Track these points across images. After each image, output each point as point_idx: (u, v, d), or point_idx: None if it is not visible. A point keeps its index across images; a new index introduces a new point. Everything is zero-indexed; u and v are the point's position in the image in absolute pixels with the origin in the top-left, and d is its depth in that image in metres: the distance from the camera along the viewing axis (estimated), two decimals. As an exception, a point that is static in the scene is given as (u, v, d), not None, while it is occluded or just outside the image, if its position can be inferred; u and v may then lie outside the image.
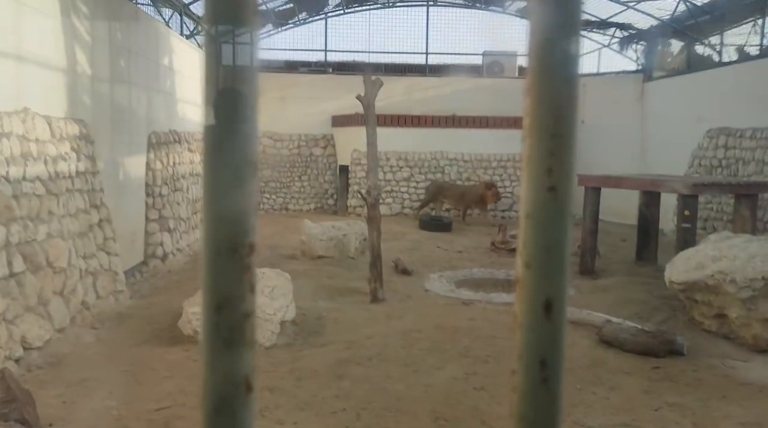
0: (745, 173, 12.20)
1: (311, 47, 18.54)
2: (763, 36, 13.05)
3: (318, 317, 7.54)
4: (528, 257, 0.36)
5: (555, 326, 0.35)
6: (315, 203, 18.09)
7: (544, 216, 0.35)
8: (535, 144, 0.34)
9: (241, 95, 0.33)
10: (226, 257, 0.35)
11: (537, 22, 0.35)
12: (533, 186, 0.35)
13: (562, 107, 0.32)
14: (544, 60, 0.33)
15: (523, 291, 0.36)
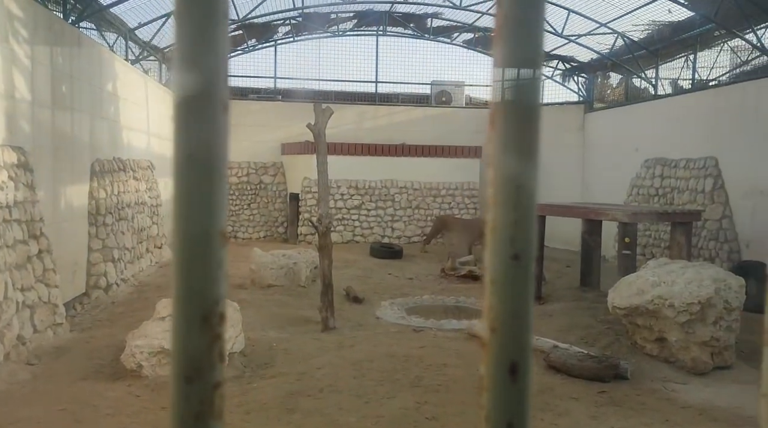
0: (680, 202, 12.76)
1: (261, 74, 18.52)
2: (695, 71, 13.79)
3: (268, 347, 7.40)
4: (493, 321, 0.37)
5: (521, 388, 0.36)
6: (265, 231, 17.89)
7: (509, 282, 0.36)
8: (500, 214, 0.35)
9: (212, 162, 0.34)
10: (197, 327, 0.34)
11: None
12: (498, 254, 0.37)
13: (524, 176, 0.34)
14: (508, 129, 0.34)
15: (489, 355, 0.37)
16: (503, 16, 0.38)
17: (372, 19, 17.96)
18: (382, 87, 18.89)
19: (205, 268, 0.34)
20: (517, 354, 0.37)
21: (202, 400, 0.34)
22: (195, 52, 0.33)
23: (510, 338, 0.37)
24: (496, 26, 0.40)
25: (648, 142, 14.22)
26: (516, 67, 0.38)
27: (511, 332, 0.37)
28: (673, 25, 13.73)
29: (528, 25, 0.38)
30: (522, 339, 0.37)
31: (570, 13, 14.74)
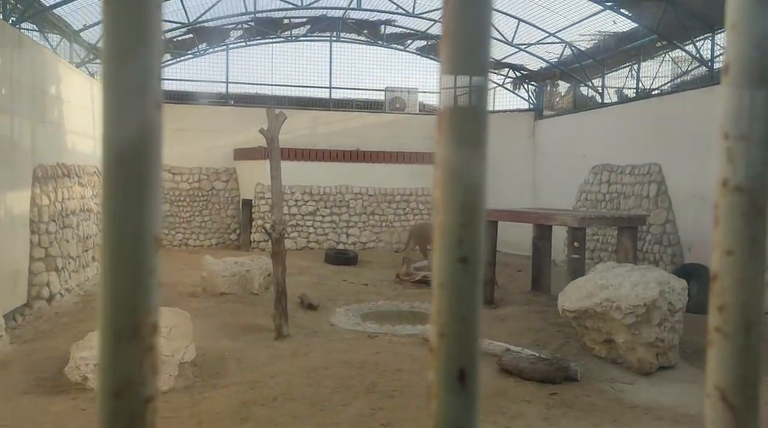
0: (626, 207, 13.16)
1: (212, 79, 18.23)
2: (639, 80, 14.27)
3: (220, 357, 7.25)
4: (442, 326, 0.36)
5: (469, 394, 0.36)
6: (217, 238, 17.57)
7: (457, 286, 0.36)
8: (447, 216, 0.35)
9: (144, 162, 0.32)
10: (127, 338, 0.32)
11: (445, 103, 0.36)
12: (445, 257, 0.36)
13: (472, 179, 0.33)
14: (455, 135, 0.34)
15: (437, 361, 0.36)
16: (449, 23, 0.38)
17: (325, 25, 17.92)
18: (336, 93, 18.86)
19: (135, 275, 0.32)
20: (466, 360, 0.36)
21: (133, 416, 0.32)
22: (125, 44, 0.31)
23: (458, 343, 0.36)
24: (443, 33, 0.39)
25: (595, 149, 14.62)
26: (464, 74, 0.38)
27: (460, 337, 0.36)
28: (618, 35, 14.18)
29: (475, 32, 0.38)
30: (470, 344, 0.36)
31: (520, 23, 15.05)
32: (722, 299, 0.34)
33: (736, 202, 0.33)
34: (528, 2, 14.03)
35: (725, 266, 0.34)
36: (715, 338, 0.35)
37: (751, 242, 0.33)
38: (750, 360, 0.33)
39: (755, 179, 0.33)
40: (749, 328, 0.34)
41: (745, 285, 0.33)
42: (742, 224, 0.33)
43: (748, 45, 0.33)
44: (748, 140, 0.33)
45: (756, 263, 0.33)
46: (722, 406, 0.33)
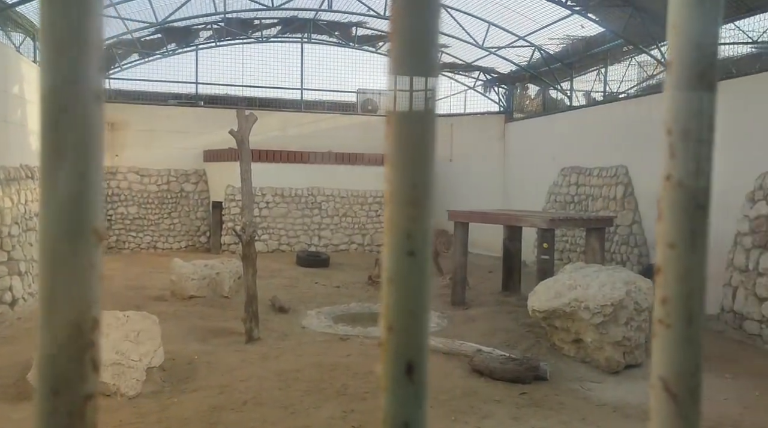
0: (594, 208, 13.37)
1: (181, 79, 18.00)
2: (606, 84, 14.52)
3: (189, 361, 7.15)
4: (391, 320, 0.36)
5: (417, 388, 0.36)
6: (186, 241, 17.33)
7: (405, 280, 0.36)
8: (395, 210, 0.35)
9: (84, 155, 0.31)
10: (66, 333, 0.32)
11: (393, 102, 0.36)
12: (393, 251, 0.36)
13: (420, 173, 0.33)
14: (403, 132, 0.34)
15: (386, 354, 0.36)
16: (397, 24, 0.38)
17: (296, 26, 17.85)
18: (308, 94, 18.79)
19: (75, 268, 0.32)
20: (414, 354, 0.36)
21: (71, 413, 0.31)
22: (63, 33, 0.30)
23: (407, 337, 0.36)
24: (391, 34, 0.40)
25: (564, 151, 14.83)
26: (411, 75, 0.38)
27: (408, 331, 0.36)
28: (586, 39, 14.41)
29: (422, 34, 0.38)
30: (419, 338, 0.37)
31: (490, 26, 15.19)
32: (665, 292, 0.35)
33: (678, 197, 0.34)
34: (498, 6, 14.17)
35: (668, 260, 0.35)
36: (659, 329, 0.35)
37: (692, 236, 0.34)
38: (692, 351, 0.34)
39: (696, 175, 0.34)
40: (691, 319, 0.34)
41: (687, 278, 0.34)
42: (683, 218, 0.34)
43: (688, 45, 0.34)
44: (689, 136, 0.34)
45: (697, 256, 0.34)
46: (665, 396, 0.33)
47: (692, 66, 0.34)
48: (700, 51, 0.33)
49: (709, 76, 0.34)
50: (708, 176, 0.35)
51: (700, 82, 0.34)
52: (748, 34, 10.50)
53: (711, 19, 0.33)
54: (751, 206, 9.34)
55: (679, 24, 0.34)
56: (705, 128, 0.35)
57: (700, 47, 0.33)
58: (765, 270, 8.93)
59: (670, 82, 0.36)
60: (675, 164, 0.35)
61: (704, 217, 0.35)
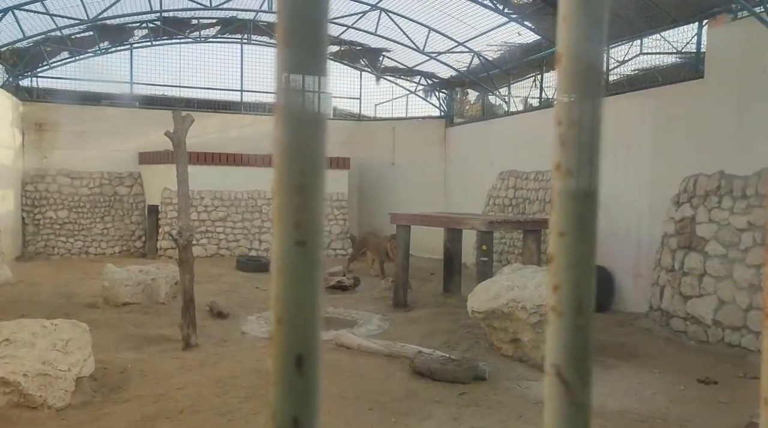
0: (531, 211, 13.72)
1: (115, 79, 17.40)
2: (542, 90, 14.94)
3: (122, 370, 6.91)
4: (279, 312, 0.35)
5: (307, 382, 0.35)
6: (120, 246, 16.75)
7: (294, 271, 0.35)
8: (283, 199, 0.34)
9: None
10: None
11: (280, 68, 0.35)
12: (282, 241, 0.35)
13: (308, 161, 0.33)
14: (290, 112, 0.33)
15: (275, 347, 0.35)
16: (285, 20, 0.37)
17: (236, 27, 17.56)
18: (249, 96, 18.51)
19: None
20: (304, 346, 0.35)
21: None
22: None
23: (296, 329, 0.35)
24: (278, 30, 0.39)
25: (503, 155, 15.16)
26: (300, 73, 0.37)
27: (297, 323, 0.35)
28: (523, 46, 14.79)
29: (311, 30, 0.38)
30: (308, 330, 0.36)
31: (431, 32, 15.38)
32: (556, 280, 0.36)
33: (568, 185, 0.35)
34: (438, 12, 14.37)
35: (559, 248, 0.35)
36: (552, 317, 0.36)
37: (581, 224, 0.35)
38: (582, 338, 0.35)
39: (584, 164, 0.35)
40: (581, 307, 0.35)
41: (577, 266, 0.35)
42: (572, 206, 0.35)
43: (577, 36, 0.35)
44: (579, 126, 0.35)
45: (586, 245, 0.35)
46: (558, 382, 0.34)
47: (581, 56, 0.35)
48: (589, 42, 0.34)
49: (596, 68, 0.35)
50: (596, 166, 0.36)
51: (589, 72, 0.35)
52: (673, 45, 11.02)
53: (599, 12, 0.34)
54: (676, 209, 9.80)
55: (570, 16, 0.35)
56: (594, 118, 0.36)
57: (588, 38, 0.34)
58: (689, 270, 9.37)
59: (560, 75, 0.37)
60: (565, 152, 0.36)
61: (593, 205, 0.36)
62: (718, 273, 8.94)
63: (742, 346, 8.49)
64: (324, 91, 0.36)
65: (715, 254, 9.01)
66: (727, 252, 8.84)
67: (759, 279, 8.33)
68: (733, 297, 8.69)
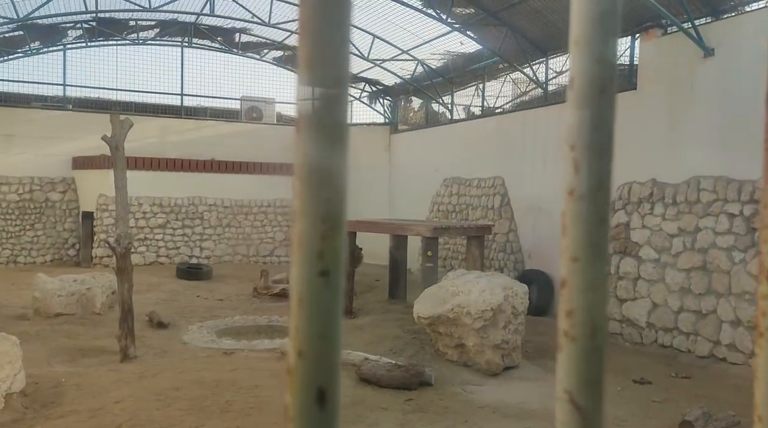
0: (474, 217, 13.96)
1: (47, 80, 16.67)
2: (484, 98, 15.24)
3: (55, 384, 6.59)
4: (300, 344, 0.34)
5: (329, 416, 0.34)
6: (52, 254, 16.03)
7: (317, 302, 0.34)
8: (307, 228, 0.33)
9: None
10: None
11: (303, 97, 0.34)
12: (304, 271, 0.34)
13: (334, 187, 0.32)
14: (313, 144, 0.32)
15: (295, 381, 0.34)
16: (308, 34, 0.36)
17: (176, 30, 17.15)
18: (189, 100, 18.10)
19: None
20: (326, 380, 0.34)
21: None
22: None
23: (318, 362, 0.34)
24: (300, 44, 0.38)
25: (446, 162, 15.37)
26: (322, 86, 0.36)
27: (319, 355, 0.34)
28: (465, 56, 15.06)
29: (334, 46, 0.37)
30: (331, 362, 0.35)
31: (375, 39, 15.46)
32: (570, 304, 0.36)
33: (581, 210, 0.35)
34: (382, 20, 14.46)
35: (572, 273, 0.36)
36: (564, 342, 0.36)
37: (594, 249, 0.35)
38: (595, 362, 0.35)
39: (597, 188, 0.35)
40: (595, 331, 0.36)
41: (590, 290, 0.35)
42: (586, 231, 0.35)
43: (589, 59, 0.35)
44: (591, 150, 0.35)
45: (599, 269, 0.35)
46: (571, 408, 0.34)
47: (593, 79, 0.35)
48: (601, 64, 0.35)
49: (609, 92, 0.36)
50: (608, 190, 0.37)
51: (602, 97, 0.36)
52: (608, 58, 11.45)
53: (611, 34, 0.34)
54: (612, 215, 10.17)
55: (581, 39, 0.35)
56: (606, 142, 0.36)
57: (600, 61, 0.35)
58: (624, 274, 9.74)
59: (573, 99, 0.37)
60: (578, 178, 0.36)
61: (606, 230, 0.36)
62: (651, 277, 9.33)
63: (674, 347, 8.88)
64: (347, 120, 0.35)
65: (648, 259, 9.40)
66: (659, 257, 9.24)
67: (689, 283, 8.74)
68: (665, 300, 9.08)
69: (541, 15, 11.79)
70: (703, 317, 8.52)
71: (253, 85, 18.76)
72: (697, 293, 8.61)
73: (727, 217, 8.35)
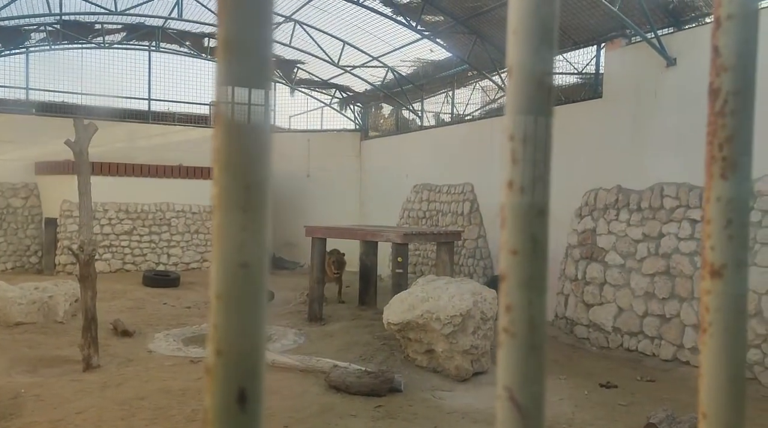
0: (444, 223, 14.01)
1: (8, 84, 16.26)
2: (453, 106, 15.35)
3: (14, 395, 6.40)
4: (219, 342, 0.32)
5: (250, 418, 0.32)
6: (13, 261, 15.59)
7: (238, 295, 0.32)
8: (225, 217, 0.31)
9: None
10: None
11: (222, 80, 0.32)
12: (223, 263, 0.32)
13: (252, 175, 0.30)
14: (232, 124, 0.30)
15: (214, 381, 0.32)
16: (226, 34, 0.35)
17: (143, 34, 16.90)
18: (157, 105, 17.83)
19: None
20: (247, 380, 0.32)
21: None
22: None
23: (238, 361, 0.32)
24: (219, 43, 0.36)
25: (416, 168, 15.42)
26: (242, 86, 0.35)
27: (240, 354, 0.32)
28: (435, 63, 15.15)
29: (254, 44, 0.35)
30: (253, 361, 0.33)
31: (345, 45, 15.45)
32: (508, 299, 0.35)
33: (520, 202, 0.34)
34: (352, 26, 14.46)
35: (511, 266, 0.35)
36: (504, 338, 0.35)
37: (533, 242, 0.34)
38: (535, 359, 0.34)
39: (537, 180, 0.34)
40: (534, 326, 0.35)
41: (529, 285, 0.34)
42: (525, 223, 0.34)
43: (527, 50, 0.34)
44: (531, 141, 0.35)
45: (539, 263, 0.35)
46: (510, 406, 0.33)
47: (531, 69, 0.35)
48: (539, 54, 0.34)
49: (545, 82, 0.35)
50: (547, 182, 0.36)
51: (540, 85, 0.35)
52: (574, 66, 11.65)
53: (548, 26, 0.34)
54: (578, 221, 10.31)
55: (519, 28, 0.34)
56: (543, 134, 0.35)
57: (538, 51, 0.34)
58: (591, 279, 9.87)
59: (511, 90, 0.36)
60: (516, 169, 0.35)
61: (544, 223, 0.35)
62: (617, 282, 9.47)
63: (639, 351, 9.03)
64: (269, 103, 0.34)
65: (614, 264, 9.55)
66: (624, 262, 9.39)
67: (653, 287, 8.90)
68: (630, 305, 9.23)
69: (510, 23, 11.92)
70: (666, 321, 8.67)
71: (223, 90, 18.56)
72: (660, 297, 8.77)
73: (689, 223, 8.53)
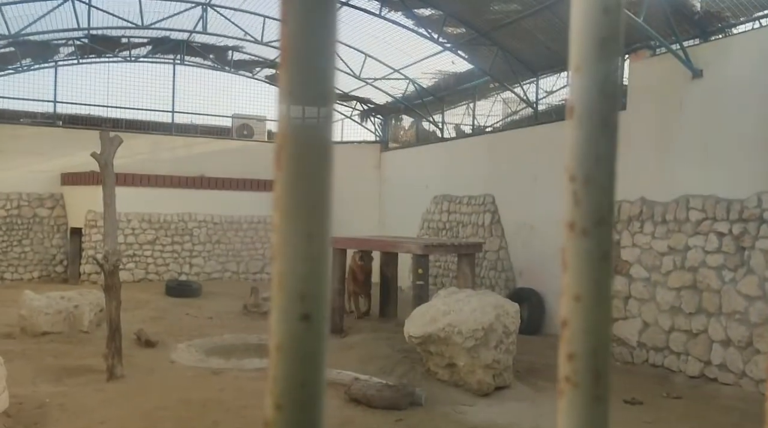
0: (464, 235, 13.94)
1: (37, 97, 16.61)
2: (474, 117, 15.32)
3: (39, 405, 6.47)
4: (279, 396, 0.31)
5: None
6: (40, 270, 15.84)
7: (298, 348, 0.31)
8: (286, 266, 0.30)
9: None
10: None
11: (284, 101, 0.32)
12: (284, 314, 0.31)
13: (316, 223, 0.30)
14: (296, 172, 0.30)
15: (275, 437, 0.31)
16: (290, 49, 0.34)
17: (169, 47, 17.17)
18: (180, 117, 18.08)
19: None
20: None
21: None
22: None
23: (299, 415, 0.31)
24: (282, 59, 0.36)
25: (436, 180, 15.39)
26: (305, 104, 0.34)
27: (301, 407, 0.31)
28: (456, 75, 15.16)
29: (317, 60, 0.35)
30: (313, 416, 0.32)
31: (367, 58, 15.53)
32: (572, 347, 0.33)
33: (583, 245, 0.33)
34: (374, 39, 14.54)
35: (574, 313, 0.33)
36: (566, 388, 0.34)
37: (597, 287, 0.33)
38: (600, 410, 0.33)
39: (600, 223, 0.33)
40: (598, 377, 0.33)
41: (594, 332, 0.33)
42: (588, 268, 0.33)
43: (591, 88, 0.33)
44: (593, 183, 0.33)
45: (603, 309, 0.33)
46: (574, 458, 0.32)
47: (595, 108, 0.33)
48: (603, 94, 0.33)
49: (611, 121, 0.34)
50: (610, 225, 0.35)
51: (604, 125, 0.34)
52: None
53: (612, 60, 0.33)
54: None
55: (583, 66, 0.33)
56: (606, 175, 0.34)
57: (603, 90, 0.33)
58: (615, 292, 9.72)
59: (572, 126, 0.35)
60: (579, 211, 0.34)
61: (608, 268, 0.34)
62: (642, 296, 9.32)
63: (665, 366, 8.85)
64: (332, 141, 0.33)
65: (639, 278, 9.40)
66: (649, 275, 9.24)
67: (680, 301, 8.74)
68: (656, 319, 9.07)
69: (531, 35, 11.90)
70: (693, 336, 8.50)
71: (245, 102, 18.77)
72: (687, 312, 8.60)
73: (716, 236, 8.37)
